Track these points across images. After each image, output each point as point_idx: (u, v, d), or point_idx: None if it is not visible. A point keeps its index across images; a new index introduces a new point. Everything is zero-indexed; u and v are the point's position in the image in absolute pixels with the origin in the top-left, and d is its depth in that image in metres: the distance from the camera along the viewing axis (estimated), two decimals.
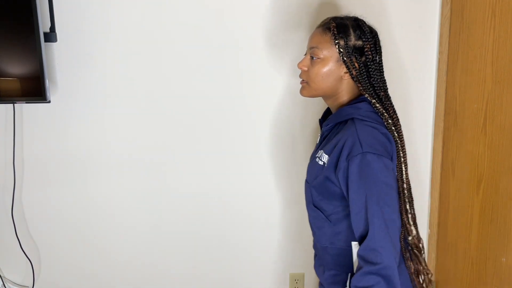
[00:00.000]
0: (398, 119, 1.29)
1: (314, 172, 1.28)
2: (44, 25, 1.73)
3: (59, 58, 1.86)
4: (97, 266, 2.07)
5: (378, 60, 1.28)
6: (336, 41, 1.23)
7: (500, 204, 1.74)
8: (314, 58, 1.27)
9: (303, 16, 1.92)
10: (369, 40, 1.25)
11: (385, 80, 1.31)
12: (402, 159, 1.27)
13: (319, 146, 1.33)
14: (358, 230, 1.16)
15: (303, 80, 1.32)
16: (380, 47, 1.30)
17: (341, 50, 1.23)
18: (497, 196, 1.75)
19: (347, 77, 1.27)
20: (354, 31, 1.25)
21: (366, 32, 1.26)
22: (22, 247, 1.97)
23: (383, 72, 1.32)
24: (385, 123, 1.25)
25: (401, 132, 1.28)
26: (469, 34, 1.87)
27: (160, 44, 1.89)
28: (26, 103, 1.83)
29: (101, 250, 2.06)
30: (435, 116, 2.11)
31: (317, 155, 1.29)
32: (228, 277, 2.14)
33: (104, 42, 1.87)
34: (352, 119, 1.23)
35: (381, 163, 1.16)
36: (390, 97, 1.31)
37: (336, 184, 1.22)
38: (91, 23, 1.84)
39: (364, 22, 1.29)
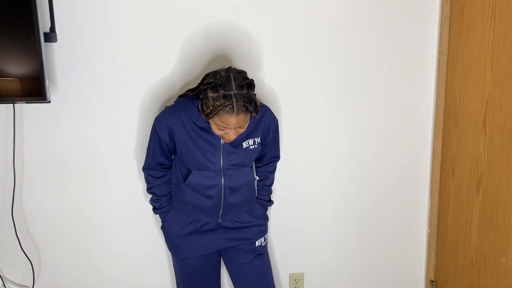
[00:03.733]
0: None
1: (250, 155, 1.70)
2: (44, 25, 1.73)
3: (59, 58, 1.86)
4: (97, 266, 2.07)
5: None
6: (253, 113, 1.56)
7: (500, 204, 1.74)
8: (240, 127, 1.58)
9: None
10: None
11: None
12: None
13: (239, 140, 1.67)
14: (276, 153, 1.86)
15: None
16: None
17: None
18: (497, 196, 1.75)
19: None
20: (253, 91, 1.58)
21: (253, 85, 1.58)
22: (22, 247, 1.97)
23: None
24: None
25: None
26: (469, 34, 1.87)
27: (160, 44, 1.89)
28: (26, 103, 1.83)
29: (101, 250, 2.06)
30: (435, 116, 2.11)
31: (246, 146, 1.68)
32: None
33: (104, 42, 1.87)
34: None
35: None
36: None
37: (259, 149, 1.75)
38: (91, 23, 1.84)
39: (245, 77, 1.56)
